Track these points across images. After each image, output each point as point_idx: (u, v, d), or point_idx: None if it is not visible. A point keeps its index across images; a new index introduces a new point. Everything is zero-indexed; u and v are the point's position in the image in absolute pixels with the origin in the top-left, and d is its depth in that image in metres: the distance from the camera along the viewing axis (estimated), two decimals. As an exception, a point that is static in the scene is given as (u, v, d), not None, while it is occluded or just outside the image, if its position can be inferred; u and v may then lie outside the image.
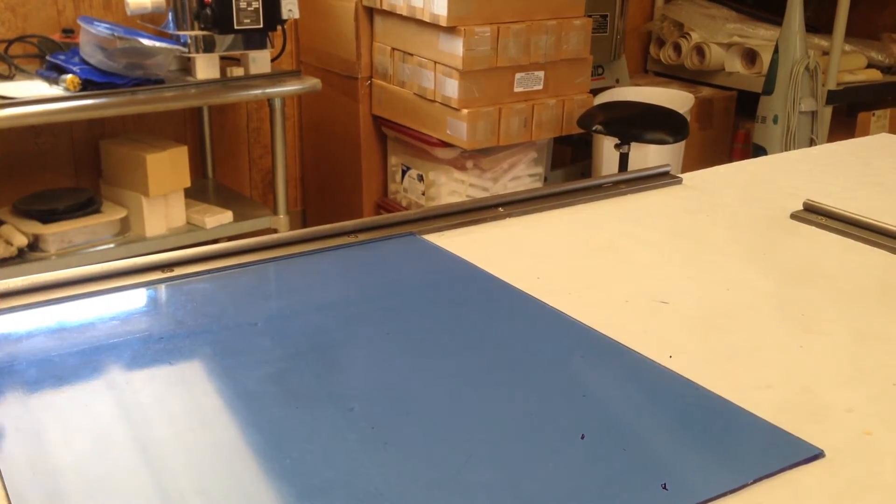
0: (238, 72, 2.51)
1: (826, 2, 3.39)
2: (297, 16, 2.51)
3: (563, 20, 2.63)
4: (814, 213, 1.03)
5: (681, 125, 2.64)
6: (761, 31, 3.53)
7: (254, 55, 2.51)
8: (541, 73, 2.65)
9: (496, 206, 1.04)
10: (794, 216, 1.04)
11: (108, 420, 0.61)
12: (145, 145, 2.52)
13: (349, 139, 2.93)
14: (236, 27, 2.41)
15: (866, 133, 3.30)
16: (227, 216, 2.62)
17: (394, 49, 2.72)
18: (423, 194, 2.78)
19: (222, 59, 2.49)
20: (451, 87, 2.53)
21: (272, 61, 2.58)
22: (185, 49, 2.41)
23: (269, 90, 2.50)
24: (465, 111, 2.51)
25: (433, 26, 2.51)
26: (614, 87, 3.44)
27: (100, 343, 0.72)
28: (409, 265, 0.90)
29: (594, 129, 2.61)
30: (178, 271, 0.84)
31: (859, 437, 0.62)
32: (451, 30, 2.46)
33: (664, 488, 0.55)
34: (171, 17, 2.42)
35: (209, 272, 0.85)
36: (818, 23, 3.59)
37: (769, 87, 3.23)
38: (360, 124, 2.87)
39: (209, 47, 2.42)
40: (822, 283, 0.88)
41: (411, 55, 2.65)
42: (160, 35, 2.46)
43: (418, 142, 2.71)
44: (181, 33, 2.41)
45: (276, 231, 2.67)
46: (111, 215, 2.47)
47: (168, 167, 2.49)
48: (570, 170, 3.36)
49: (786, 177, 1.21)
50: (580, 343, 0.75)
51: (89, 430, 0.60)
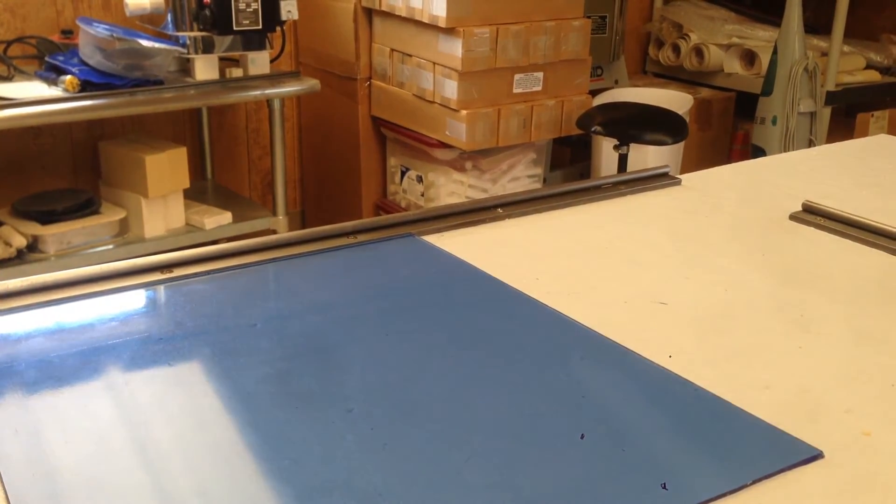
0: (237, 73, 2.51)
1: (825, 3, 3.39)
2: (296, 17, 2.51)
3: (562, 21, 2.63)
4: (813, 214, 1.03)
5: (680, 126, 2.64)
6: (760, 32, 3.53)
7: (253, 56, 2.51)
8: (540, 74, 2.65)
9: (495, 206, 1.04)
10: (793, 217, 1.04)
11: (108, 421, 0.61)
12: (144, 146, 2.52)
13: (348, 140, 2.93)
14: (235, 28, 2.41)
15: (865, 134, 3.30)
16: (226, 217, 2.62)
17: (393, 50, 2.72)
18: (422, 195, 2.78)
19: (221, 59, 2.49)
20: (451, 88, 2.53)
21: (271, 62, 2.58)
22: (184, 50, 2.41)
23: (268, 91, 2.50)
24: (464, 112, 2.52)
25: (432, 27, 2.51)
26: (613, 88, 3.44)
27: (99, 344, 0.72)
28: (408, 266, 0.91)
29: (593, 130, 2.61)
30: (178, 272, 0.84)
31: (858, 438, 0.62)
32: (450, 31, 2.47)
33: (664, 488, 0.55)
34: (170, 17, 2.42)
35: (208, 273, 0.85)
36: (817, 24, 3.60)
37: (768, 88, 3.23)
38: (359, 125, 2.87)
39: (208, 48, 2.42)
40: (820, 284, 0.88)
41: (410, 56, 2.66)
42: (159, 36, 2.46)
43: (417, 143, 2.71)
44: (180, 34, 2.41)
45: (275, 232, 2.67)
46: (110, 216, 2.47)
47: (167, 168, 2.49)
48: (570, 171, 3.36)
49: (785, 178, 1.22)
50: (579, 344, 0.75)
51: (88, 431, 0.60)
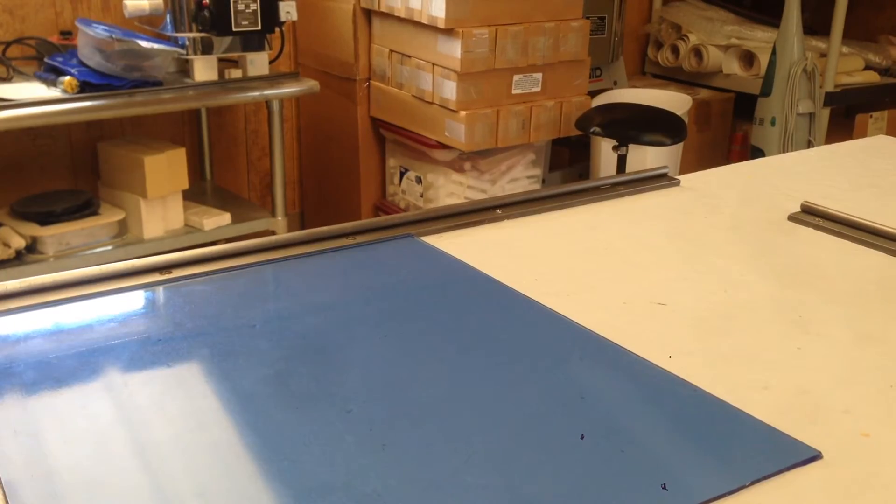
0: (236, 74, 2.51)
1: (824, 4, 3.40)
2: (294, 18, 2.51)
3: (561, 22, 2.63)
4: (811, 215, 1.04)
5: (679, 127, 2.64)
6: (759, 33, 3.53)
7: (252, 57, 2.51)
8: (539, 75, 2.65)
9: (494, 207, 1.04)
10: (792, 218, 1.04)
11: (106, 422, 0.61)
12: (143, 147, 2.52)
13: (347, 141, 2.93)
14: (234, 29, 2.41)
15: (864, 135, 3.30)
16: (225, 218, 2.61)
17: (392, 51, 2.72)
18: (422, 196, 2.78)
19: (220, 61, 2.49)
20: (450, 89, 2.53)
21: (270, 63, 2.58)
22: (183, 51, 2.41)
23: (267, 92, 2.50)
24: (463, 113, 2.52)
25: (431, 28, 2.51)
26: (612, 88, 3.44)
27: (98, 345, 0.72)
28: (407, 267, 0.91)
29: (592, 130, 2.61)
30: (176, 273, 0.84)
31: (857, 439, 0.62)
32: (449, 31, 2.47)
33: (664, 488, 0.55)
34: (168, 19, 2.42)
35: (207, 274, 0.85)
36: (816, 25, 3.60)
37: (767, 89, 3.24)
38: (358, 126, 2.87)
39: (207, 49, 2.42)
40: (819, 285, 0.88)
41: (409, 57, 2.66)
42: (158, 37, 2.46)
43: (416, 144, 2.71)
44: (179, 35, 2.41)
45: (274, 233, 2.67)
46: (109, 217, 2.47)
47: (166, 169, 2.49)
48: (569, 172, 3.36)
49: (783, 178, 1.22)
50: (579, 344, 0.75)
51: (87, 432, 0.60)
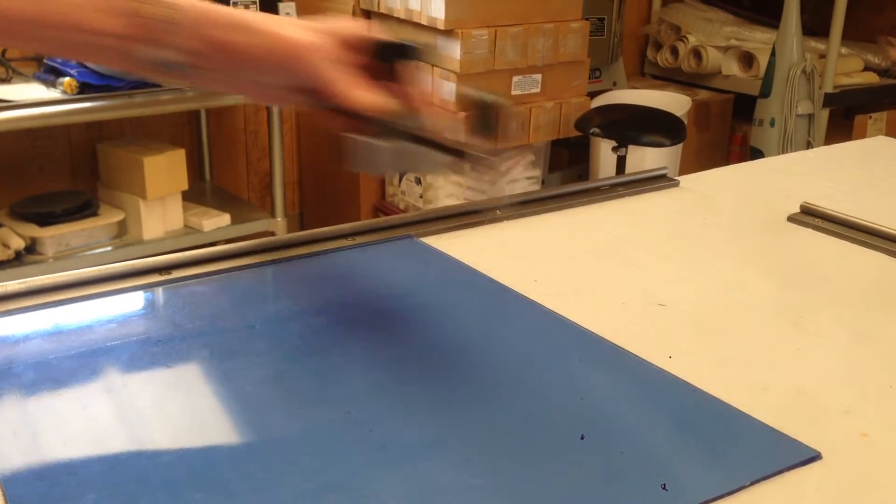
0: (235, 75, 2.50)
1: (823, 5, 3.40)
2: (294, 19, 2.51)
3: (561, 23, 2.64)
4: (811, 216, 1.04)
5: (678, 128, 2.64)
6: (758, 34, 3.53)
7: (251, 58, 2.50)
8: (538, 76, 2.65)
9: (493, 208, 1.04)
10: (792, 219, 1.04)
11: (106, 423, 0.61)
12: (142, 148, 2.52)
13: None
14: (234, 30, 2.41)
15: (863, 136, 3.30)
16: (224, 219, 2.61)
17: (391, 52, 2.72)
18: (421, 197, 2.78)
19: (220, 61, 2.49)
20: (449, 90, 2.53)
21: (270, 64, 2.57)
22: (183, 52, 2.40)
23: (266, 93, 2.49)
24: (462, 114, 2.51)
25: (431, 29, 2.51)
26: (611, 89, 3.44)
27: (97, 346, 0.72)
28: (406, 268, 0.90)
29: (591, 131, 2.61)
30: (176, 274, 0.84)
31: (856, 439, 0.62)
32: (448, 33, 2.47)
33: (664, 488, 0.55)
34: (168, 20, 2.42)
35: (207, 275, 0.85)
36: (815, 26, 3.60)
37: (766, 90, 3.24)
38: (357, 127, 2.87)
39: (207, 50, 2.41)
40: (819, 286, 0.88)
41: (409, 58, 2.65)
42: (158, 38, 2.45)
43: (416, 144, 2.70)
44: (179, 36, 2.41)
45: (273, 234, 2.67)
46: (108, 218, 2.47)
47: (165, 170, 2.49)
48: (568, 172, 3.36)
49: (783, 179, 1.22)
50: (578, 345, 0.75)
51: (87, 433, 0.60)
